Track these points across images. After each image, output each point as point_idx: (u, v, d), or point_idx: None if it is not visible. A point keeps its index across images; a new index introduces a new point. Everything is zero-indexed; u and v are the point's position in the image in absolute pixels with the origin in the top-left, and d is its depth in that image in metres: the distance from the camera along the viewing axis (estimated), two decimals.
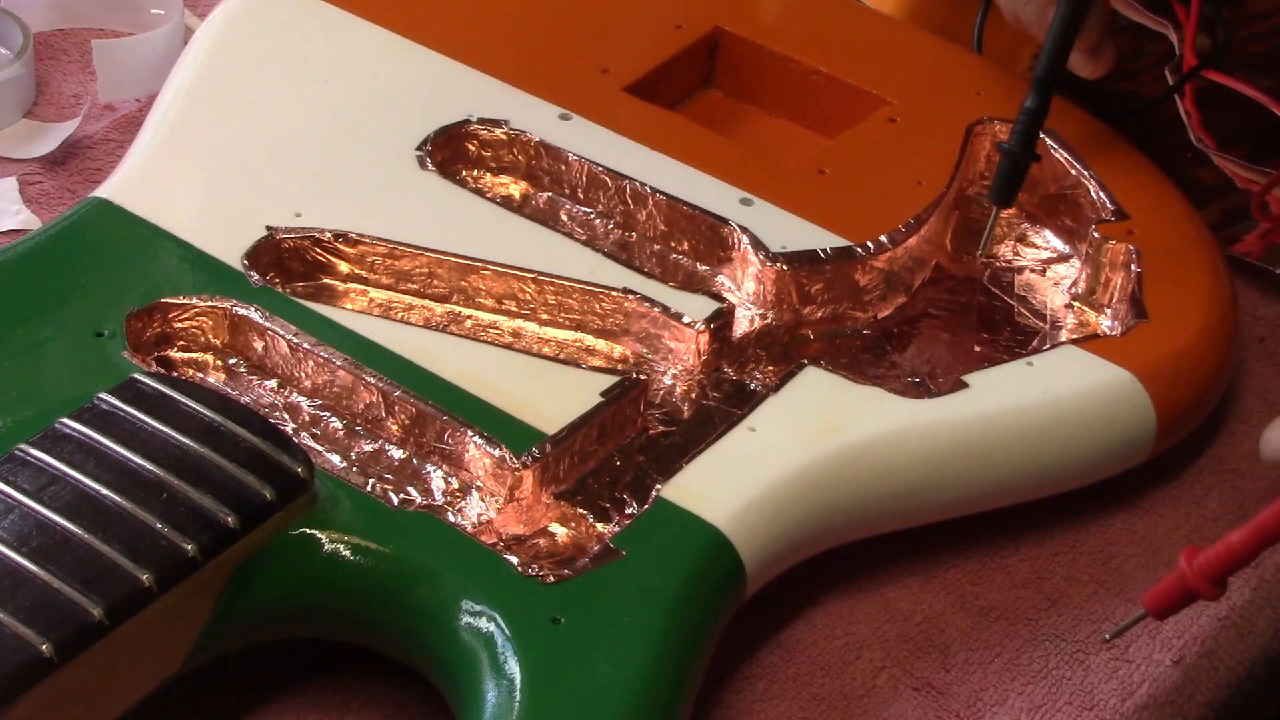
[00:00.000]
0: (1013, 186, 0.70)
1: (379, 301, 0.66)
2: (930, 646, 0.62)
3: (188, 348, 0.64)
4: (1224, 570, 0.55)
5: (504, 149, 0.72)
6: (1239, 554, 0.54)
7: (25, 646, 0.50)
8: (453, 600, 0.56)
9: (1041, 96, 0.69)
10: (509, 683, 0.54)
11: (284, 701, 0.58)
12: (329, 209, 0.67)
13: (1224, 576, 0.55)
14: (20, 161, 0.77)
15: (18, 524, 0.52)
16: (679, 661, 0.55)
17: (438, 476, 0.60)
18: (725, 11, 0.79)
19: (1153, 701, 0.61)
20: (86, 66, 0.81)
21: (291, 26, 0.75)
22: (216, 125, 0.71)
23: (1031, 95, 0.69)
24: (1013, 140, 0.69)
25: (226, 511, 0.54)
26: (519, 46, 0.76)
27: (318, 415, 0.62)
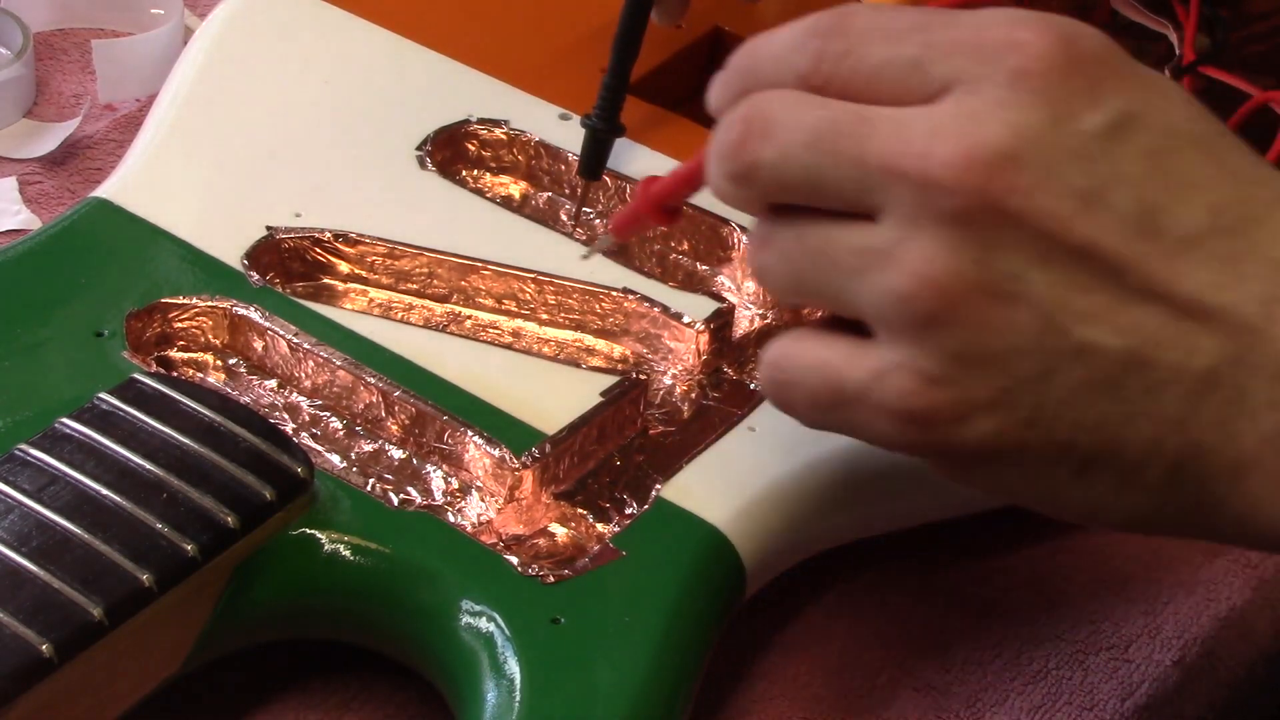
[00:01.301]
0: (598, 160, 0.70)
1: (379, 301, 0.66)
2: (930, 646, 0.62)
3: (188, 348, 0.64)
4: (673, 201, 0.58)
5: (504, 149, 0.72)
6: (684, 189, 0.57)
7: (25, 646, 0.50)
8: (453, 600, 0.56)
9: (618, 69, 0.69)
10: (509, 683, 0.54)
11: (284, 701, 0.58)
12: (329, 209, 0.67)
13: (672, 207, 0.58)
14: (20, 161, 0.77)
15: (18, 524, 0.52)
16: (679, 661, 0.55)
17: (438, 476, 0.60)
18: (725, 11, 0.79)
19: (1153, 701, 0.61)
20: (86, 66, 0.81)
21: (291, 26, 0.75)
22: (216, 125, 0.71)
23: (609, 69, 0.69)
24: (595, 114, 0.69)
25: (226, 511, 0.54)
26: (519, 46, 0.76)
27: (318, 415, 0.62)
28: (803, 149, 0.50)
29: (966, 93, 0.50)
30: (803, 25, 0.52)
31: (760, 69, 0.53)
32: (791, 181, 0.51)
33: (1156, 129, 0.50)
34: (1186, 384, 0.49)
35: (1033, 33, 0.50)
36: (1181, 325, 0.49)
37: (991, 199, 0.49)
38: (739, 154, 0.51)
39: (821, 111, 0.51)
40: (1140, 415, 0.49)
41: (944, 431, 0.50)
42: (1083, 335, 0.49)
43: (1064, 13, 0.80)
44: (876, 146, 0.50)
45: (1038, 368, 0.49)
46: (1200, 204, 0.49)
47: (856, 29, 0.51)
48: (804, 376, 0.52)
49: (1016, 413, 0.49)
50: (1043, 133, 0.49)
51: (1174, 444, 0.49)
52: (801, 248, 0.52)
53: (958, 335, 0.49)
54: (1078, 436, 0.49)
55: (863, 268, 0.50)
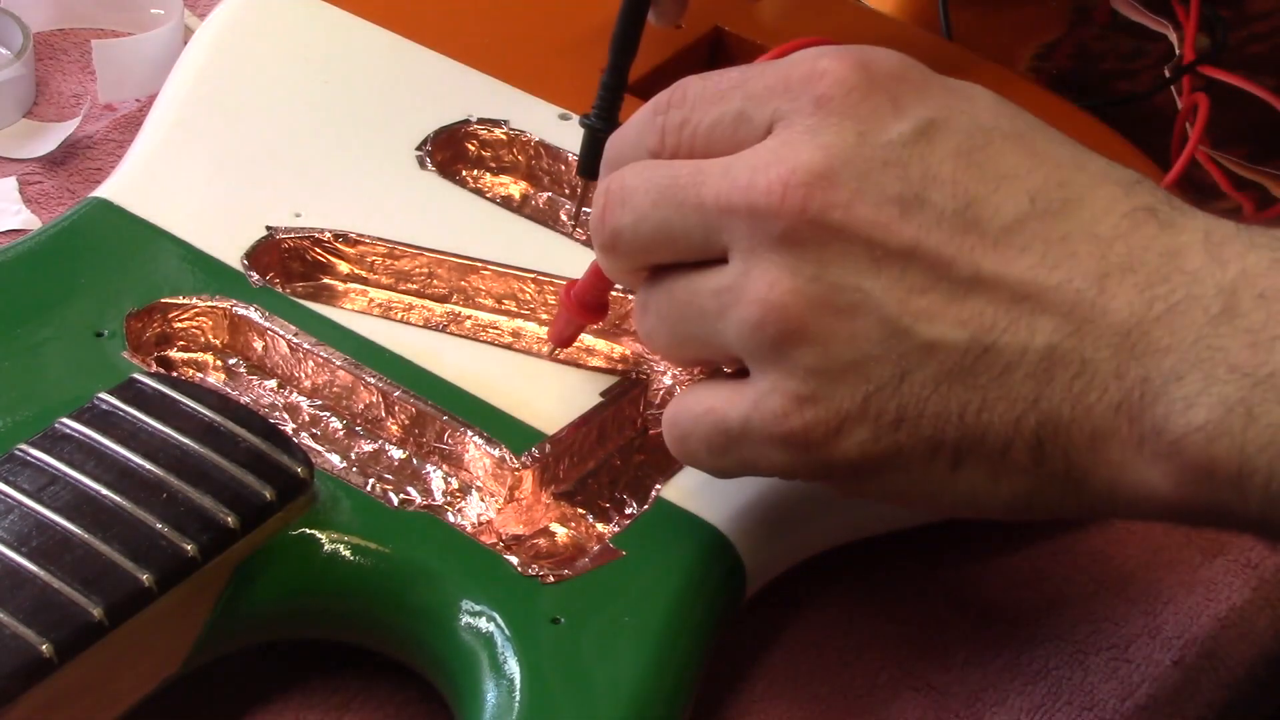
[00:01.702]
0: (597, 160, 0.69)
1: (379, 301, 0.66)
2: (930, 646, 0.62)
3: (188, 348, 0.64)
4: (593, 301, 0.62)
5: (504, 149, 0.72)
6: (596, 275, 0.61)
7: (25, 646, 0.50)
8: (453, 600, 0.56)
9: (616, 69, 0.69)
10: (509, 683, 0.54)
11: (284, 701, 0.58)
12: (329, 209, 0.67)
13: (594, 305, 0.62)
14: (20, 161, 0.77)
15: (18, 524, 0.52)
16: (679, 661, 0.55)
17: (438, 476, 0.60)
18: (725, 11, 0.79)
19: (1153, 701, 0.61)
20: (86, 66, 0.81)
21: (291, 26, 0.75)
22: (216, 125, 0.71)
23: (607, 69, 0.69)
24: (594, 114, 0.69)
25: (226, 511, 0.54)
26: (519, 46, 0.76)
27: (318, 415, 0.62)
28: (651, 207, 0.55)
29: (783, 128, 0.53)
30: (649, 105, 0.57)
31: (621, 153, 0.57)
32: (649, 239, 0.55)
33: (964, 130, 0.53)
34: (1032, 364, 0.51)
35: (831, 61, 0.53)
36: (1017, 309, 0.51)
37: (813, 216, 0.52)
38: (604, 224, 0.56)
39: (665, 171, 0.55)
40: (996, 400, 0.51)
41: (825, 448, 0.53)
42: (926, 332, 0.51)
43: (1064, 13, 0.80)
44: (710, 190, 0.53)
45: (892, 370, 0.52)
46: (1019, 192, 0.52)
47: (690, 98, 0.55)
48: (695, 426, 0.55)
49: (883, 416, 0.52)
50: (852, 148, 0.52)
51: (1031, 422, 0.51)
52: (672, 302, 0.55)
53: (811, 351, 0.52)
54: (944, 429, 0.52)
55: (721, 308, 0.54)
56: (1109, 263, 0.51)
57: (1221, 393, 0.49)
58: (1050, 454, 0.51)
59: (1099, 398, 0.50)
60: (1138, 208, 0.51)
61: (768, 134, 0.54)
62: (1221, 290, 0.49)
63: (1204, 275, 0.50)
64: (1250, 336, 0.49)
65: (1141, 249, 0.51)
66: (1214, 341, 0.49)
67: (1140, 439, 0.50)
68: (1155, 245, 0.51)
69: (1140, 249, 0.51)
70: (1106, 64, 0.83)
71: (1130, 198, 0.52)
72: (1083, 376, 0.50)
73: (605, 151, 0.59)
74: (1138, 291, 0.50)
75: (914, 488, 0.54)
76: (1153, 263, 0.50)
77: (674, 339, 0.56)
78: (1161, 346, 0.50)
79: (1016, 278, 0.51)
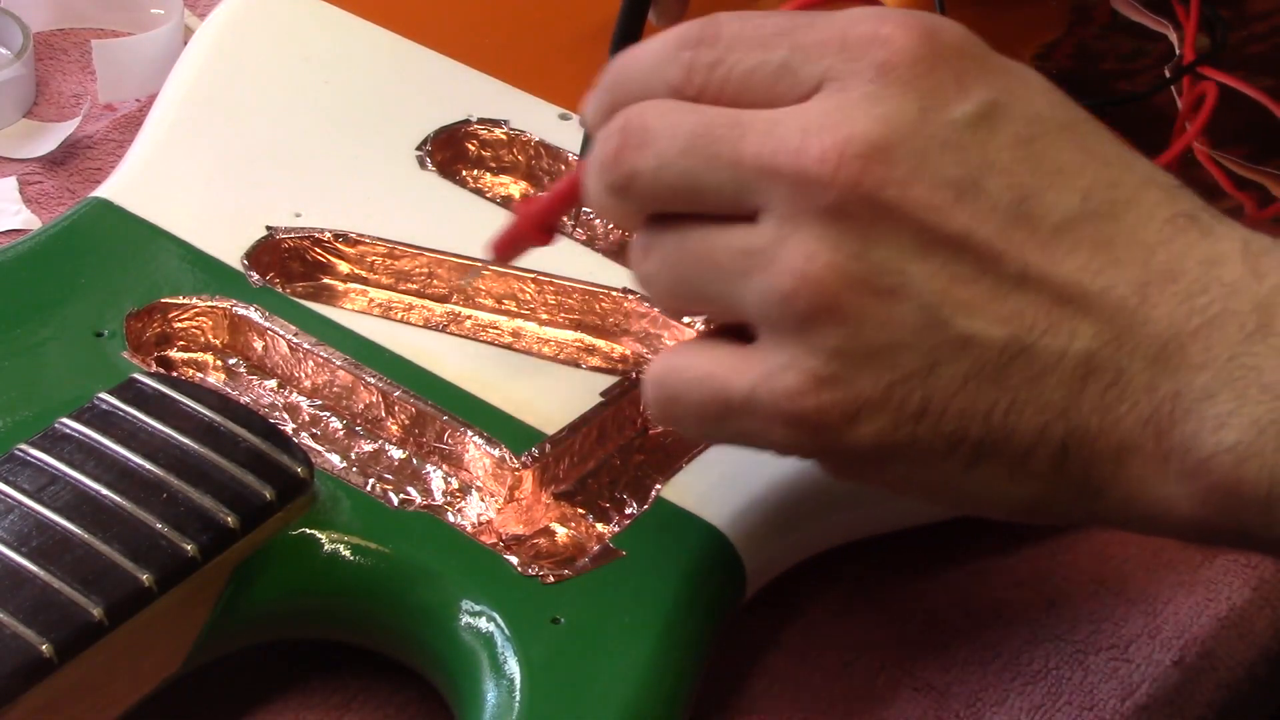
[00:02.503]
0: None
1: (379, 301, 0.66)
2: (930, 646, 0.62)
3: (188, 348, 0.64)
4: (552, 220, 0.58)
5: (504, 149, 0.72)
6: (563, 205, 0.58)
7: (25, 646, 0.50)
8: (453, 600, 0.56)
9: None
10: (509, 683, 0.54)
11: (284, 701, 0.58)
12: (329, 209, 0.67)
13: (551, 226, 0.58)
14: (20, 161, 0.77)
15: (18, 524, 0.52)
16: (679, 661, 0.55)
17: (438, 476, 0.60)
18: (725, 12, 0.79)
19: (1153, 701, 0.61)
20: (86, 66, 0.81)
21: (291, 26, 0.75)
22: (216, 125, 0.71)
23: None
24: None
25: (226, 511, 0.54)
26: (519, 46, 0.76)
27: (318, 415, 0.62)
28: (679, 155, 0.51)
29: (836, 90, 0.50)
30: (672, 36, 0.53)
31: (633, 83, 0.53)
32: (670, 188, 0.52)
33: (1023, 117, 0.51)
34: (1068, 370, 0.49)
35: (896, 28, 0.51)
36: (1060, 311, 0.49)
37: (866, 192, 0.49)
38: (617, 164, 0.52)
39: (696, 117, 0.51)
40: (1025, 403, 0.50)
41: (837, 432, 0.50)
42: (965, 326, 0.49)
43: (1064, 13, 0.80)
44: (751, 147, 0.50)
45: (923, 361, 0.50)
46: (1071, 189, 0.50)
47: (725, 37, 0.52)
48: (689, 390, 0.53)
49: (905, 408, 0.50)
50: (913, 124, 0.50)
51: (1059, 429, 0.50)
52: (683, 253, 0.52)
53: (841, 331, 0.50)
54: (967, 427, 0.50)
55: (745, 269, 0.51)
56: (1151, 270, 0.49)
57: (1254, 413, 0.48)
58: (1072, 462, 0.50)
59: (1129, 410, 0.49)
60: (1180, 213, 0.50)
61: (814, 92, 0.51)
62: (1258, 306, 0.49)
63: (1241, 288, 0.49)
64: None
65: (1182, 256, 0.50)
66: (1248, 360, 0.48)
67: (1166, 455, 0.49)
68: (1195, 253, 0.50)
69: (1181, 256, 0.50)
70: (1106, 64, 0.83)
71: (1173, 202, 0.51)
72: (1116, 387, 0.49)
73: (611, 74, 0.54)
74: (1178, 302, 0.49)
75: (922, 481, 0.52)
76: (1193, 271, 0.49)
77: (676, 289, 0.53)
78: (1196, 362, 0.49)
79: (1063, 279, 0.50)
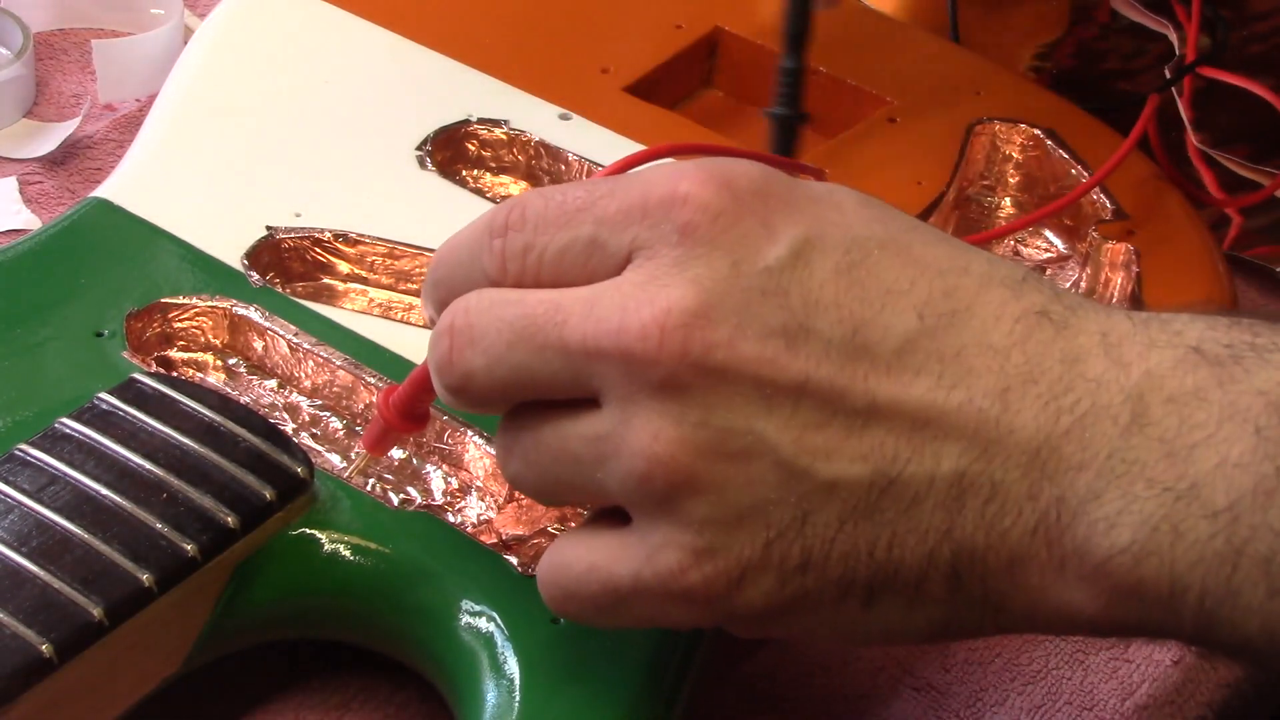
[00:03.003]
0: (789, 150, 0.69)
1: (379, 301, 0.66)
2: (930, 646, 0.62)
3: (188, 348, 0.64)
4: (412, 408, 0.56)
5: (504, 149, 0.72)
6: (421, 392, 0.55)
7: (25, 646, 0.50)
8: (453, 600, 0.56)
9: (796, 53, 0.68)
10: (509, 683, 0.54)
11: (284, 701, 0.58)
12: (329, 209, 0.67)
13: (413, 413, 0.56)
14: (20, 161, 0.77)
15: (18, 524, 0.52)
16: (678, 662, 0.55)
17: (438, 476, 0.61)
18: (725, 11, 0.79)
19: (1153, 701, 0.61)
20: (86, 66, 0.81)
21: (291, 26, 0.75)
22: (217, 125, 0.71)
23: (788, 55, 0.68)
24: (780, 102, 0.68)
25: (226, 511, 0.54)
26: (519, 46, 0.76)
27: (318, 415, 0.62)
28: (507, 349, 0.50)
29: (645, 259, 0.49)
30: (481, 223, 0.52)
31: (455, 276, 0.52)
32: (507, 383, 0.50)
33: (839, 245, 0.49)
34: (940, 492, 0.48)
35: (692, 184, 0.49)
36: (919, 436, 0.48)
37: (695, 360, 0.48)
38: (451, 367, 0.51)
39: (517, 309, 0.50)
40: (906, 534, 0.48)
41: (728, 600, 0.49)
42: (825, 471, 0.48)
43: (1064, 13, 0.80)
44: (574, 333, 0.49)
45: (793, 513, 0.48)
46: (905, 309, 0.48)
47: (530, 219, 0.51)
48: (579, 586, 0.51)
49: (787, 562, 0.49)
50: (727, 280, 0.48)
51: (946, 552, 0.48)
52: (540, 450, 0.51)
53: (705, 501, 0.48)
54: (854, 569, 0.49)
55: (598, 457, 0.49)
56: (1008, 375, 0.48)
57: (1143, 510, 0.47)
58: (967, 582, 0.49)
59: (1013, 522, 0.48)
60: (1029, 310, 0.49)
61: (626, 263, 0.50)
62: (1129, 397, 0.47)
63: (1108, 381, 0.48)
64: (1165, 446, 0.47)
65: (1039, 356, 0.48)
66: (1128, 455, 0.47)
67: (1061, 562, 0.48)
68: (1052, 351, 0.48)
69: (1038, 356, 0.48)
70: (1107, 64, 0.83)
71: (1020, 299, 0.49)
72: (995, 501, 0.48)
73: (435, 266, 0.53)
74: (1042, 405, 0.48)
75: (824, 627, 0.50)
76: (1054, 371, 0.48)
77: (544, 485, 0.52)
78: (1074, 463, 0.47)
79: (915, 403, 0.48)
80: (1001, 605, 0.49)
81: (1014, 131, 0.75)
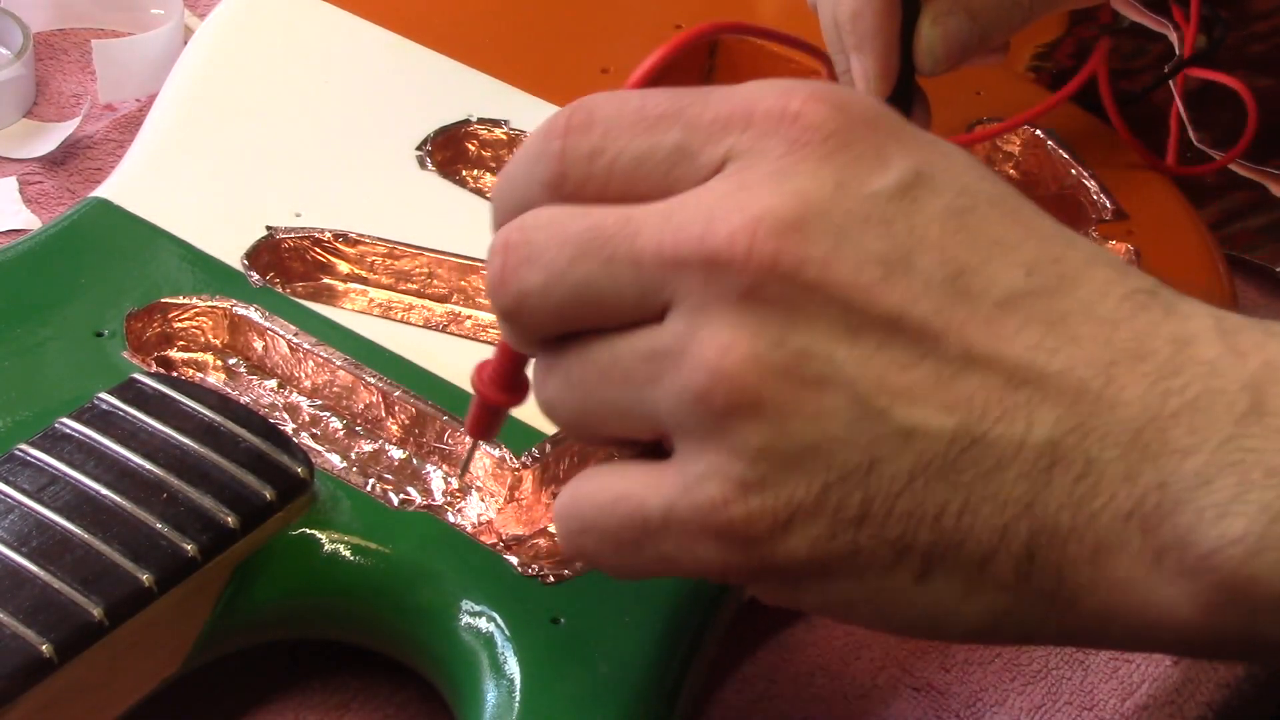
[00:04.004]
0: None
1: (379, 301, 0.66)
2: (930, 646, 0.62)
3: (188, 348, 0.64)
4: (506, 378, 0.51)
5: (504, 149, 0.72)
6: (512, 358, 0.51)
7: (25, 646, 0.50)
8: (453, 600, 0.56)
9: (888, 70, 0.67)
10: (509, 683, 0.54)
11: (284, 701, 0.58)
12: (329, 209, 0.67)
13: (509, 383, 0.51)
14: (20, 161, 0.77)
15: (18, 524, 0.52)
16: (678, 661, 0.55)
17: (438, 476, 0.61)
18: (725, 12, 0.79)
19: (1153, 701, 0.61)
20: (86, 66, 0.81)
21: (291, 26, 0.75)
22: (216, 125, 0.71)
23: None
24: None
25: (226, 511, 0.54)
26: (519, 46, 0.76)
27: (318, 415, 0.62)
28: (569, 264, 0.46)
29: (739, 169, 0.46)
30: (541, 128, 0.48)
31: (509, 195, 0.48)
32: (565, 302, 0.46)
33: (951, 189, 0.46)
34: (1028, 461, 0.44)
35: (806, 101, 0.46)
36: (1014, 395, 0.44)
37: (785, 272, 0.44)
38: (505, 287, 0.47)
39: (583, 221, 0.46)
40: (981, 501, 0.44)
41: (769, 544, 0.45)
42: (905, 417, 0.44)
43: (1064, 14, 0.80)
44: (649, 241, 0.45)
45: (860, 458, 0.44)
46: (1013, 263, 0.45)
47: (600, 121, 0.47)
48: (601, 516, 0.47)
49: (843, 512, 0.45)
50: (830, 199, 0.45)
51: (1023, 530, 0.44)
52: (586, 365, 0.47)
53: (765, 429, 0.44)
54: (915, 532, 0.45)
55: (654, 374, 0.45)
56: (1115, 348, 0.44)
57: (1262, 499, 0.42)
58: (1041, 568, 0.45)
59: (1105, 504, 0.44)
60: (1137, 289, 0.46)
61: (713, 176, 0.46)
62: (1245, 386, 0.44)
63: (1223, 368, 0.44)
64: None
65: (1148, 335, 0.45)
66: (1244, 443, 0.43)
67: (1158, 553, 0.44)
68: (1161, 331, 0.45)
69: (1146, 335, 0.45)
70: (1107, 64, 0.83)
71: (1126, 280, 0.46)
72: (1087, 479, 0.44)
73: (493, 200, 0.49)
74: (1149, 384, 0.44)
75: (866, 600, 0.46)
76: (1163, 351, 0.44)
77: (584, 410, 0.47)
78: (1181, 447, 0.43)
79: (1014, 360, 0.44)
80: (1074, 601, 0.45)
81: (1014, 132, 0.75)
